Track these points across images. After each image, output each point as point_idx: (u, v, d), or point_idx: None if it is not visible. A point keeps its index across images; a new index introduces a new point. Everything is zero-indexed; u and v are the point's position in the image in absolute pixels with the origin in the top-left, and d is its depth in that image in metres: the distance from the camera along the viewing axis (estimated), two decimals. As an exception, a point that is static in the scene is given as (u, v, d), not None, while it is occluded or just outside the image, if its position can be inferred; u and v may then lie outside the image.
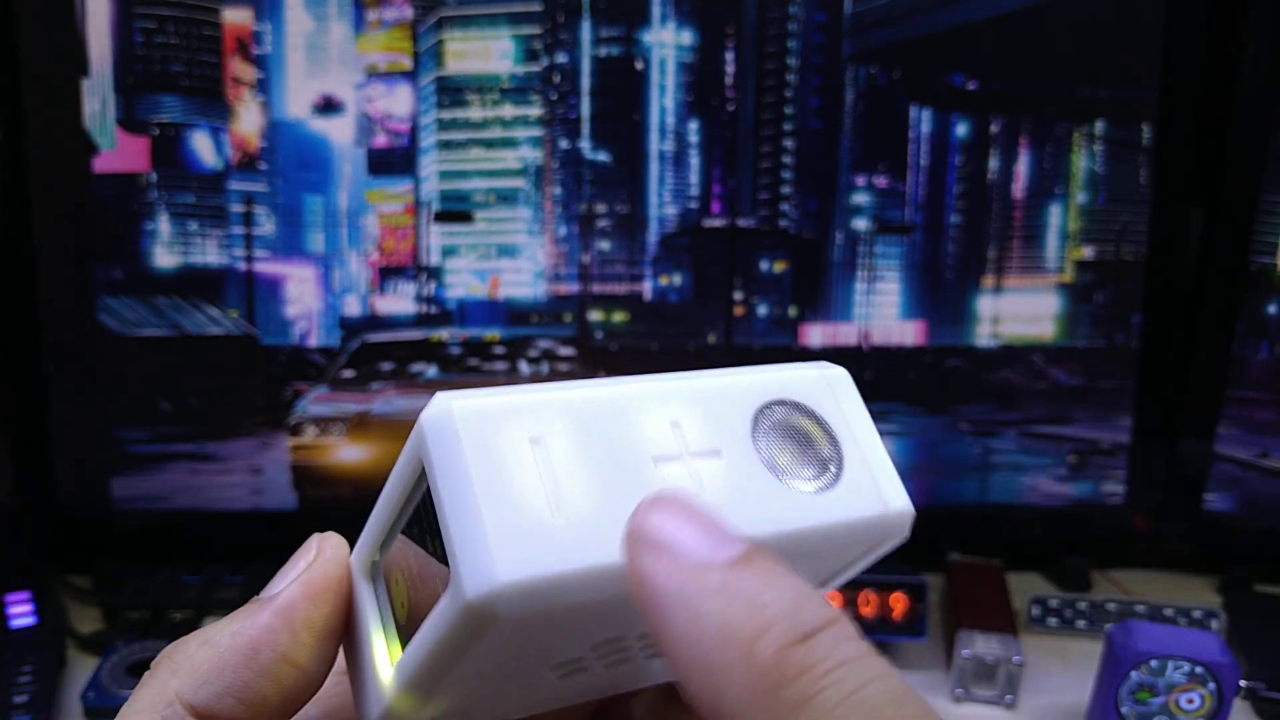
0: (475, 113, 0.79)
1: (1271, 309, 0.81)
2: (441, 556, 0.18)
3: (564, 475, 0.18)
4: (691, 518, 0.17)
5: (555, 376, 0.81)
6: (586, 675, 0.21)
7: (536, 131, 0.79)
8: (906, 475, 0.21)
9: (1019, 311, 0.83)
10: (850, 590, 0.77)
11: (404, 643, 0.20)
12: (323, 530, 0.23)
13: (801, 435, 0.20)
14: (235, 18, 0.76)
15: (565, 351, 0.82)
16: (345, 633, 0.22)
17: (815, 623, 0.15)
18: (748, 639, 0.15)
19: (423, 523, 0.19)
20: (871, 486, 0.20)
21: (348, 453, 0.81)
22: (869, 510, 0.20)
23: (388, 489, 0.20)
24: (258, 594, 0.22)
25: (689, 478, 0.19)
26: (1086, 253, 0.82)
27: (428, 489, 0.18)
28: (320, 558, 0.21)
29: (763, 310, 0.82)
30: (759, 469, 0.19)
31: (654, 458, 0.19)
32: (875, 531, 0.21)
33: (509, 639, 0.17)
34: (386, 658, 0.20)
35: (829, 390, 0.21)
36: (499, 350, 0.81)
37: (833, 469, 0.20)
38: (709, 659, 0.15)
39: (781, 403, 0.21)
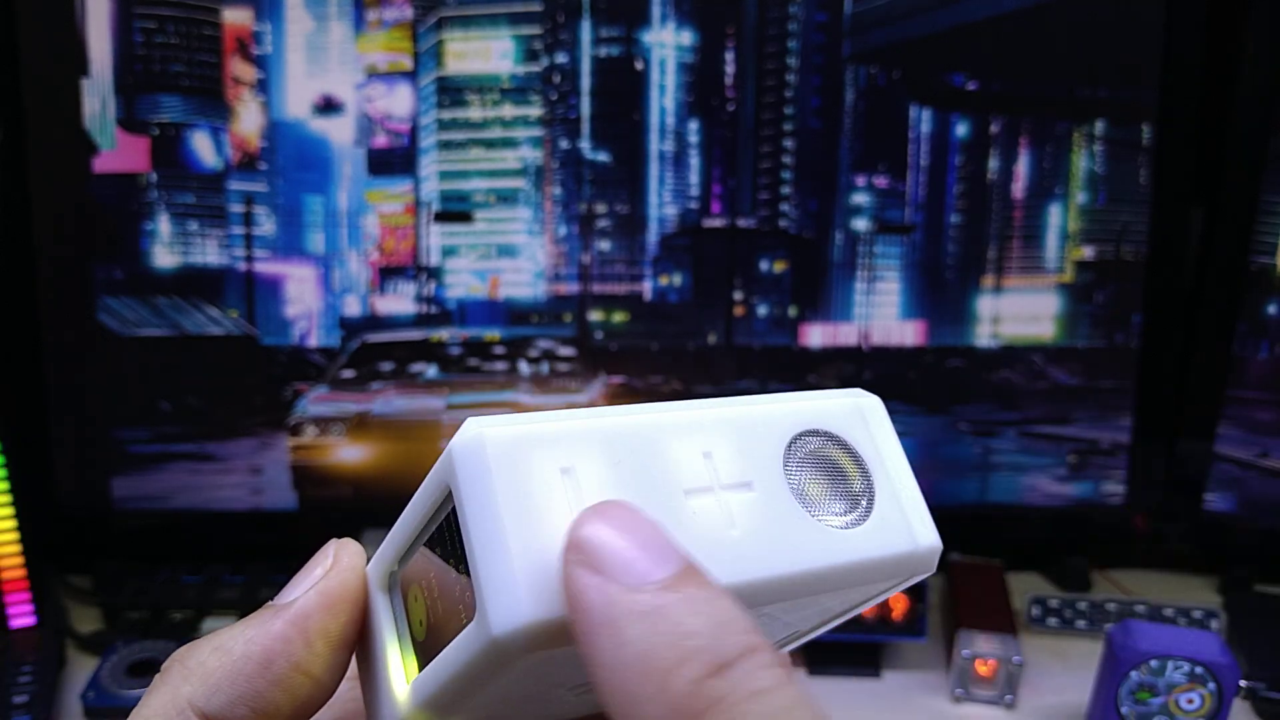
0: (475, 113, 0.79)
1: (1271, 309, 0.81)
2: (465, 575, 0.18)
3: None
4: (631, 530, 0.17)
5: (556, 376, 0.81)
6: None
7: (536, 131, 0.79)
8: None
9: (1019, 311, 0.83)
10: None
11: (420, 659, 0.20)
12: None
13: (834, 467, 0.20)
14: (235, 18, 0.76)
15: (565, 351, 0.82)
16: (359, 642, 0.21)
17: (733, 652, 0.15)
18: (664, 669, 0.15)
19: (446, 542, 0.19)
20: (901, 522, 0.20)
21: (348, 453, 0.81)
22: (898, 547, 0.20)
23: (413, 505, 0.20)
24: (270, 599, 0.21)
25: (719, 511, 0.19)
26: (1086, 253, 0.82)
27: (453, 510, 0.18)
28: (337, 566, 0.21)
29: (763, 310, 0.82)
30: (790, 502, 0.19)
31: (685, 490, 0.19)
32: (903, 567, 0.21)
33: (532, 670, 0.17)
34: (402, 673, 0.20)
35: (862, 420, 0.21)
36: (499, 350, 0.81)
37: (864, 504, 0.20)
38: (628, 688, 0.15)
39: (815, 433, 0.20)
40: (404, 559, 0.21)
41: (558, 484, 0.17)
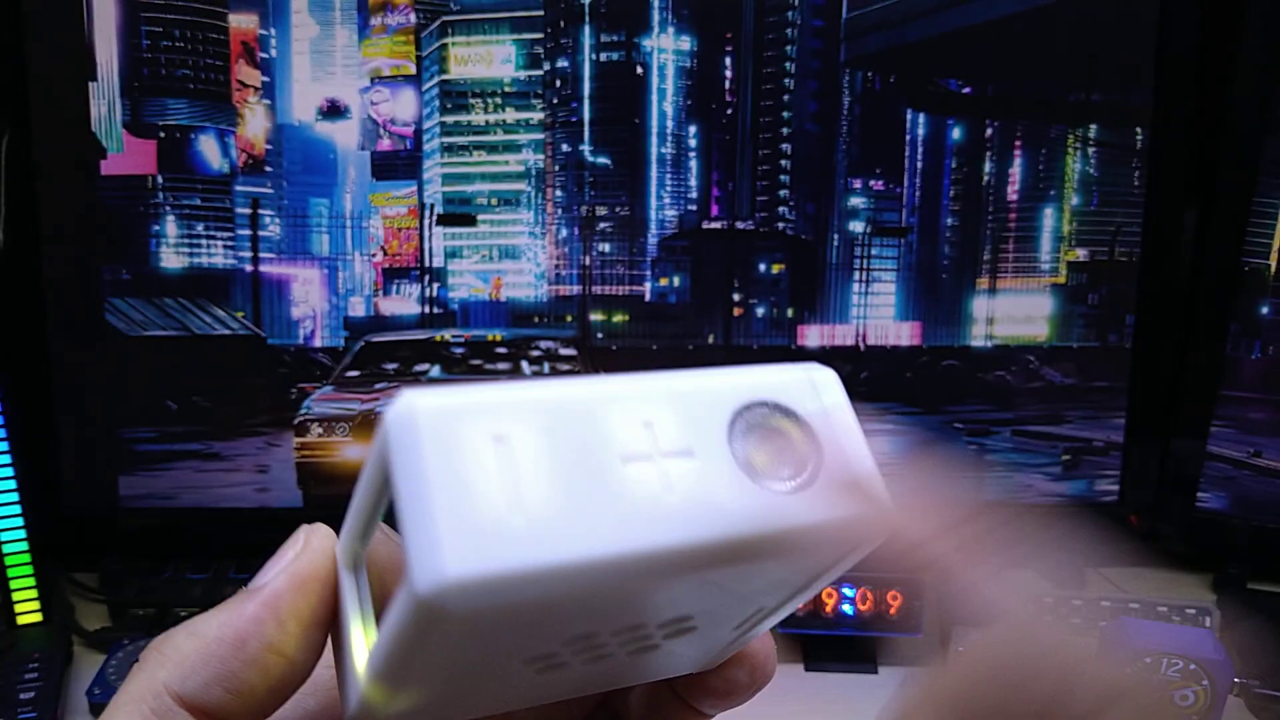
0: (478, 117, 0.80)
1: (1264, 310, 0.82)
2: None
3: (525, 474, 0.17)
4: None
5: (558, 376, 0.82)
6: (566, 671, 0.21)
7: (538, 135, 0.80)
8: (903, 474, 0.21)
9: (1013, 312, 0.84)
10: (848, 586, 0.78)
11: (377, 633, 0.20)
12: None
13: (780, 436, 0.20)
14: (241, 23, 0.77)
15: (566, 352, 0.83)
16: (334, 624, 0.22)
17: None
18: None
19: (393, 516, 0.19)
20: (851, 487, 0.20)
21: (352, 451, 0.82)
22: (846, 510, 0.20)
23: (362, 481, 0.20)
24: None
25: (657, 477, 0.18)
26: (1080, 254, 0.83)
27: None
28: (307, 549, 0.22)
29: (761, 311, 0.83)
30: (733, 469, 0.19)
31: (622, 457, 0.18)
32: (854, 533, 0.20)
33: (467, 634, 0.17)
34: (364, 648, 0.20)
35: (813, 391, 0.21)
36: (501, 350, 0.82)
37: (811, 470, 0.20)
38: None
39: (762, 404, 0.20)
40: (364, 537, 0.21)
41: (489, 451, 0.17)
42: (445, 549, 0.16)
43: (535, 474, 0.17)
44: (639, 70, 0.79)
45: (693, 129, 0.80)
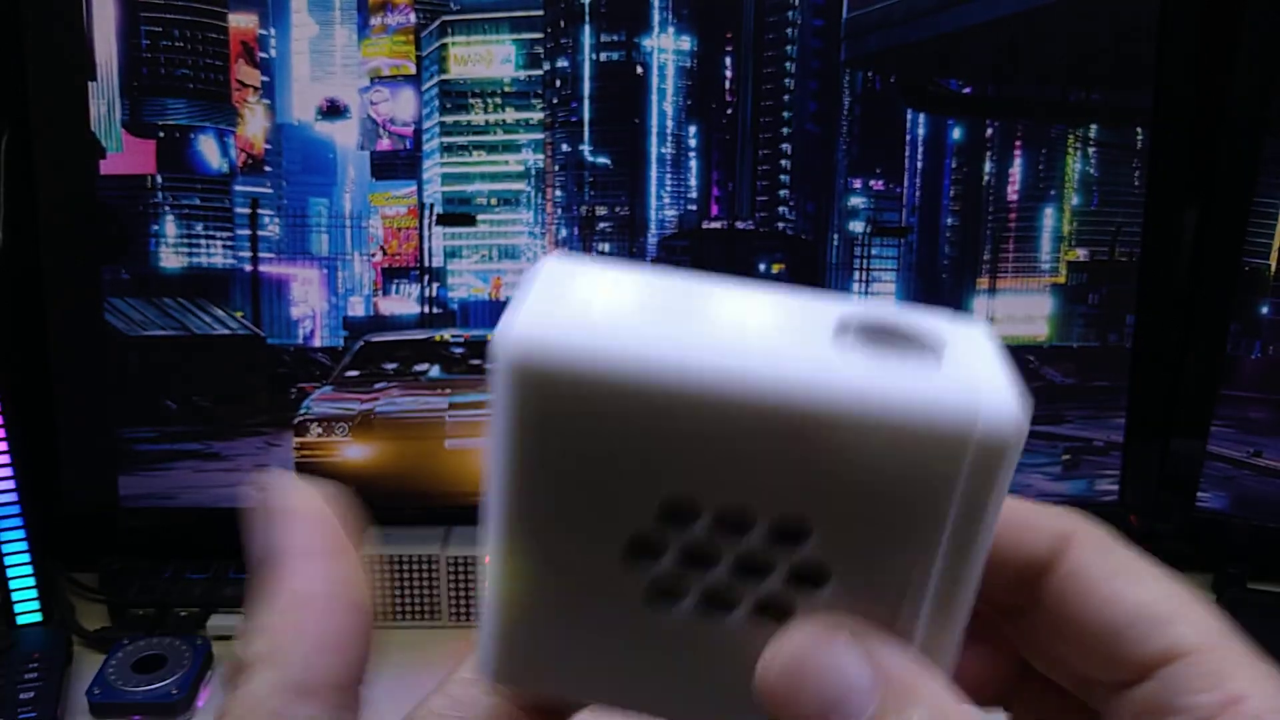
0: (478, 117, 0.80)
1: (1264, 310, 0.82)
2: None
3: (622, 304, 0.18)
4: None
5: None
6: (681, 618, 0.18)
7: (538, 135, 0.80)
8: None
9: (1013, 312, 0.84)
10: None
11: None
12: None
13: (894, 334, 0.18)
14: (240, 22, 0.77)
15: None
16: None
17: None
18: None
19: None
20: (964, 378, 0.17)
21: (352, 451, 0.82)
22: (949, 397, 0.16)
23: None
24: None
25: (755, 326, 0.18)
26: (1080, 254, 0.83)
27: None
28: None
29: (761, 311, 0.83)
30: (828, 338, 0.17)
31: (709, 313, 0.18)
32: (954, 430, 0.16)
33: (551, 443, 0.17)
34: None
35: (950, 327, 0.18)
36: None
37: (914, 354, 0.17)
38: None
39: (880, 319, 0.18)
40: None
41: (593, 287, 0.18)
42: (520, 323, 0.17)
43: (631, 306, 0.18)
44: (639, 70, 0.79)
45: (693, 129, 0.80)
